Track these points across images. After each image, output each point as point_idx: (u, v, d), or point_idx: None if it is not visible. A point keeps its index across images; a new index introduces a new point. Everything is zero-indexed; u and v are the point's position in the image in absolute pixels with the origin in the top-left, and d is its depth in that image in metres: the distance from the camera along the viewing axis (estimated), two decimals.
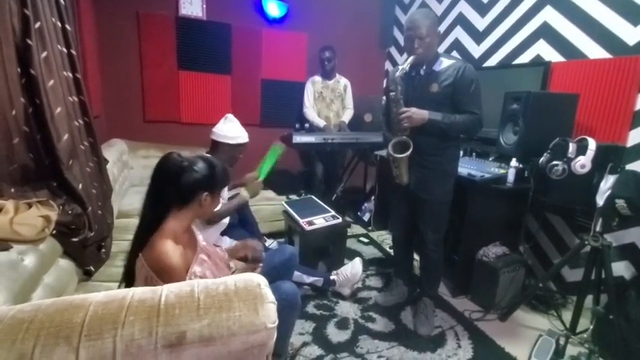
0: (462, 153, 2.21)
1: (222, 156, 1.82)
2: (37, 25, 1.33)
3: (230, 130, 1.90)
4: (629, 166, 1.83)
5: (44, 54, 1.37)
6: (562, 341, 1.73)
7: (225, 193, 1.92)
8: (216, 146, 1.90)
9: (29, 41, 1.29)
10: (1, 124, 1.21)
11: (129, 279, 1.15)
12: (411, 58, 1.69)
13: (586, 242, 1.67)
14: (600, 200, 1.61)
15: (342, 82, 3.35)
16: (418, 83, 1.77)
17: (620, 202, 1.57)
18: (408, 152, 1.73)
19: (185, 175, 1.13)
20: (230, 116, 1.96)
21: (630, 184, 1.56)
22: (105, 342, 0.69)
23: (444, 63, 1.72)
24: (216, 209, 1.26)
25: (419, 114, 1.69)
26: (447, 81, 1.70)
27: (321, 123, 3.23)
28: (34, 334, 0.68)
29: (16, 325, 0.69)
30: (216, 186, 1.20)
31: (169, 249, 1.06)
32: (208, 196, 1.18)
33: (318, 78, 3.30)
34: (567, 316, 1.85)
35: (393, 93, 1.74)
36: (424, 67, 1.75)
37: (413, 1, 3.63)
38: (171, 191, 1.13)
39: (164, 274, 1.03)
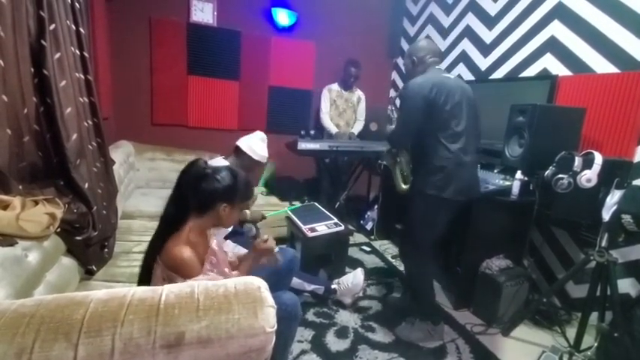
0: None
1: (239, 164, 1.92)
2: (52, 26, 1.36)
3: (260, 148, 2.01)
4: (636, 182, 1.81)
5: (57, 55, 1.39)
6: (565, 358, 1.70)
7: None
8: (238, 154, 1.99)
9: (43, 42, 1.32)
10: (13, 122, 1.23)
11: (145, 279, 1.19)
12: None
13: (591, 257, 1.65)
14: (606, 215, 1.59)
15: (357, 93, 3.44)
16: None
17: (626, 218, 1.55)
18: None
19: (206, 183, 1.15)
20: (264, 136, 2.07)
21: (637, 199, 1.54)
22: (104, 340, 0.69)
23: None
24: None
25: None
26: None
27: (334, 130, 3.34)
28: (35, 329, 0.68)
29: (17, 319, 0.70)
30: (236, 198, 1.21)
31: (183, 250, 1.10)
32: (227, 207, 1.19)
33: (335, 86, 3.37)
34: (571, 332, 1.81)
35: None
36: None
37: (420, 13, 3.67)
38: (191, 197, 1.17)
39: (181, 270, 1.09)
